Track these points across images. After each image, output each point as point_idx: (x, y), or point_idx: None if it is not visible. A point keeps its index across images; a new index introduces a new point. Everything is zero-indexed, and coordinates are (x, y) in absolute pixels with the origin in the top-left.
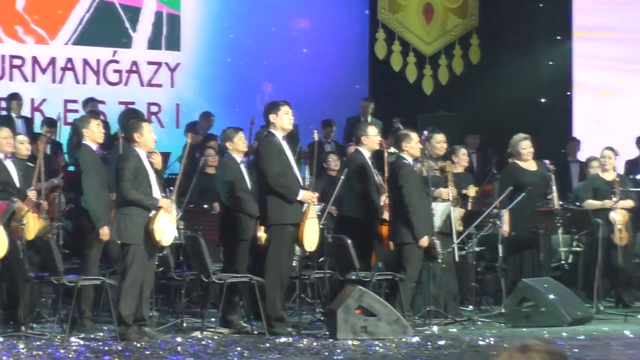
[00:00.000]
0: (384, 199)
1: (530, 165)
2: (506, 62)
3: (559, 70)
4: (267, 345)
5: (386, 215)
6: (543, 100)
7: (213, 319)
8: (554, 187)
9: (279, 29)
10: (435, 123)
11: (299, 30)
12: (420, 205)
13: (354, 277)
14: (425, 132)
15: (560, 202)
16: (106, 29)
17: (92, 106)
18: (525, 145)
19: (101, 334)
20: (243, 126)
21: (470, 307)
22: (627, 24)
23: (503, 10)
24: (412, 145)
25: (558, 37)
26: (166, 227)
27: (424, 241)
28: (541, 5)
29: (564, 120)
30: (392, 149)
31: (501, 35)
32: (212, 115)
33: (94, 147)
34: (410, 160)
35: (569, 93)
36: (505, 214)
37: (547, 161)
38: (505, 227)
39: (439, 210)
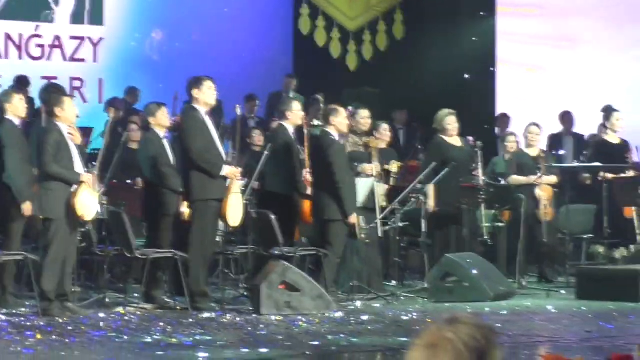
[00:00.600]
0: (305, 174)
1: (456, 140)
2: (430, 38)
3: (483, 46)
4: (191, 320)
5: (309, 191)
6: (467, 76)
7: (136, 295)
8: (480, 163)
9: (202, 3)
10: (359, 99)
11: (223, 5)
12: (346, 181)
13: (277, 252)
14: (350, 108)
15: (484, 178)
16: (28, 3)
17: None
18: (450, 121)
19: (23, 309)
20: (167, 101)
21: (394, 282)
22: (551, 0)
23: None
24: (340, 120)
25: (482, 13)
26: (89, 202)
27: (353, 218)
28: None
29: (488, 96)
30: (316, 122)
31: (425, 11)
32: (137, 90)
33: (17, 121)
34: (336, 135)
35: (493, 69)
36: (431, 189)
37: (470, 138)
38: (430, 202)
39: (362, 186)
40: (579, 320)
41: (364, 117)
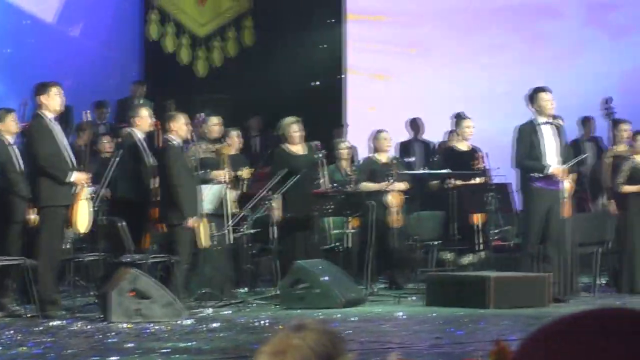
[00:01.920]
0: (156, 181)
1: (300, 149)
2: (280, 44)
3: (332, 54)
4: (40, 328)
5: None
6: (317, 83)
7: None
8: (325, 172)
9: (49, 8)
10: (210, 105)
11: (69, 10)
12: (187, 187)
13: (128, 259)
14: (202, 115)
15: (335, 184)
16: None
17: None
18: (294, 129)
19: None
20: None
21: (245, 289)
22: (399, 7)
23: None
24: (179, 125)
25: (331, 20)
26: None
27: (191, 222)
28: None
29: (337, 104)
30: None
31: (275, 17)
32: None
33: None
34: (177, 141)
35: (341, 76)
36: (277, 200)
37: (317, 143)
38: (276, 212)
39: (213, 192)
40: (429, 327)
41: (215, 123)
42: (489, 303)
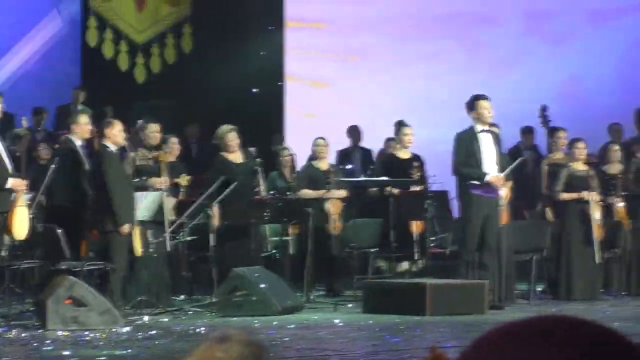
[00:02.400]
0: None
1: (237, 157)
2: (219, 51)
3: (271, 61)
4: None
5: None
6: (256, 90)
7: None
8: (261, 180)
9: None
10: (150, 112)
11: (9, 15)
12: (123, 193)
13: (64, 266)
14: (141, 122)
15: (273, 192)
16: None
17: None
18: (231, 137)
19: None
20: None
21: (183, 296)
22: (339, 15)
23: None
24: (115, 132)
25: (271, 27)
26: None
27: (124, 228)
28: None
29: (276, 111)
30: None
31: (214, 24)
32: None
33: None
34: (114, 147)
35: (281, 83)
36: (215, 208)
37: (253, 149)
38: (214, 221)
39: (151, 199)
40: (366, 334)
41: (153, 130)
42: (426, 310)
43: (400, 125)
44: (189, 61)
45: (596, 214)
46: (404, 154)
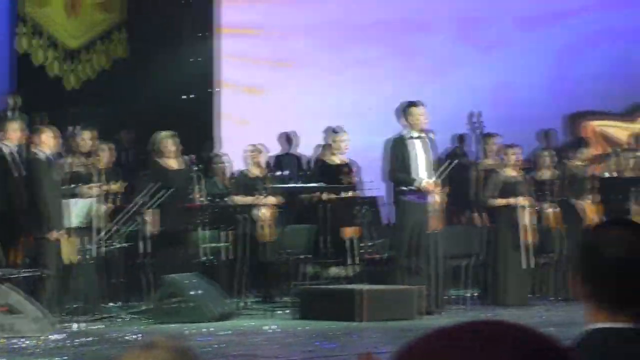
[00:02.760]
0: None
1: (175, 163)
2: (153, 57)
3: (204, 67)
4: None
5: None
6: (187, 97)
7: None
8: (198, 186)
9: None
10: (83, 118)
11: None
12: (53, 200)
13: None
14: (74, 128)
15: (210, 198)
16: None
17: None
18: (169, 143)
19: None
20: None
21: (118, 303)
22: (274, 22)
23: (149, 5)
24: (44, 139)
25: (204, 34)
26: None
27: (53, 234)
28: (189, 1)
29: (208, 118)
30: None
31: (148, 30)
32: None
33: None
34: (45, 153)
35: (214, 90)
36: (150, 213)
37: (192, 156)
38: (149, 227)
39: (82, 206)
40: (301, 340)
41: (86, 137)
42: (361, 316)
43: (334, 131)
44: (122, 67)
45: (528, 219)
46: (337, 160)
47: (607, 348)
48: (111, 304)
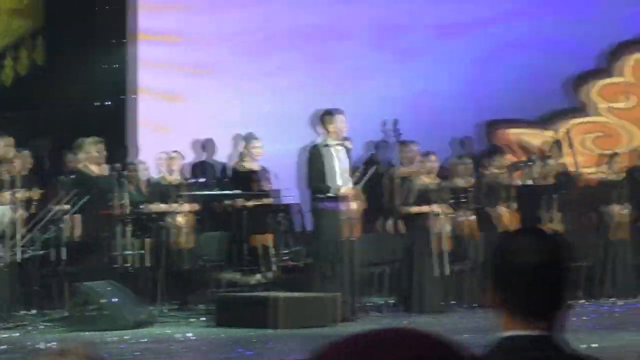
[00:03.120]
0: None
1: (96, 169)
2: (71, 64)
3: (119, 74)
4: None
5: None
6: (104, 103)
7: None
8: (118, 193)
9: None
10: (2, 125)
11: None
12: None
13: None
14: None
15: (126, 206)
16: None
17: None
18: (94, 150)
19: None
20: None
21: (33, 311)
22: (192, 28)
23: (67, 12)
24: None
25: (119, 41)
26: None
27: None
28: (104, 8)
29: (124, 125)
30: None
31: (66, 37)
32: None
33: None
34: None
35: (129, 97)
36: (73, 218)
37: (118, 164)
38: (70, 233)
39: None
40: (219, 347)
41: (1, 144)
42: (277, 323)
43: (248, 138)
44: (41, 73)
45: (446, 227)
46: (253, 167)
47: (518, 356)
48: (25, 312)
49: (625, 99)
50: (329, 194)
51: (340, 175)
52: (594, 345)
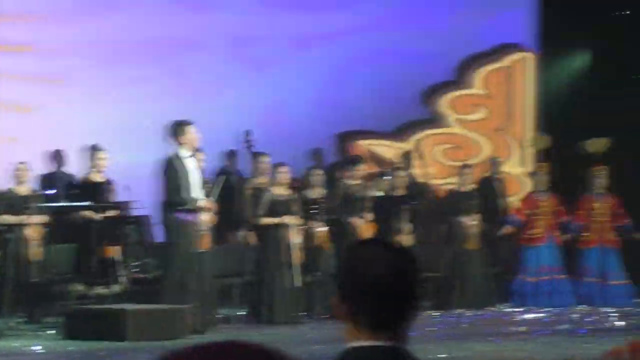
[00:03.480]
0: None
1: None
2: None
3: None
4: None
5: None
6: None
7: None
8: None
9: None
10: None
11: None
12: None
13: None
14: None
15: None
16: None
17: None
18: None
19: None
20: None
21: None
22: (44, 38)
23: None
24: None
25: None
26: None
27: None
28: None
29: None
30: None
31: None
32: None
33: None
34: None
35: None
36: None
37: None
38: None
39: None
40: None
41: None
42: (127, 336)
43: (94, 149)
44: None
45: (296, 238)
46: (99, 178)
47: None
48: None
49: (476, 111)
50: (184, 206)
51: (195, 186)
52: (441, 355)
